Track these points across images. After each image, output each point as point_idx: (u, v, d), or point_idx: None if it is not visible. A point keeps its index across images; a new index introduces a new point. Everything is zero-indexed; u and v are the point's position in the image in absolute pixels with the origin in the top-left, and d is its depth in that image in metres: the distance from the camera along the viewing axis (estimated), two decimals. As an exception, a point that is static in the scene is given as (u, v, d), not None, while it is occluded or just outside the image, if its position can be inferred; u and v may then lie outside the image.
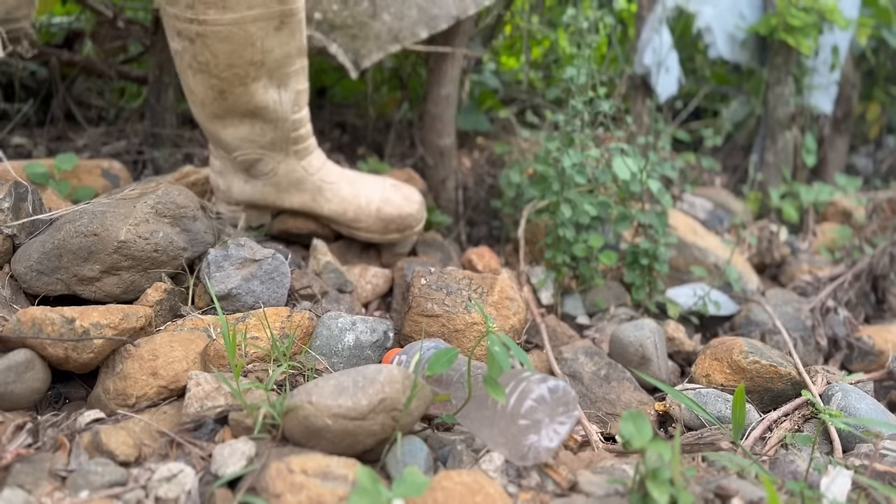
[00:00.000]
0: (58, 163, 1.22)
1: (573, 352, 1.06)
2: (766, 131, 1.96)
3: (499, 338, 0.72)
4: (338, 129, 2.03)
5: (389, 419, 0.68)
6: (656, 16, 1.80)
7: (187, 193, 1.00)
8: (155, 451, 0.73)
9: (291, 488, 0.60)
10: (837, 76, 1.99)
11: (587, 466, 0.76)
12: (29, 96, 1.74)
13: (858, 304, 1.40)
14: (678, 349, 1.17)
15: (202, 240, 1.00)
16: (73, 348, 0.78)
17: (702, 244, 1.45)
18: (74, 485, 0.65)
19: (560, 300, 1.27)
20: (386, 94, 2.10)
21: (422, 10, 1.44)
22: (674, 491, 0.60)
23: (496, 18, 1.92)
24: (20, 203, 0.96)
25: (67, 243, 0.90)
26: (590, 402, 0.98)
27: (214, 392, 0.77)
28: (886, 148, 2.35)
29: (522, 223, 1.34)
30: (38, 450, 0.71)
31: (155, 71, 1.52)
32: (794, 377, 0.96)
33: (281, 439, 0.71)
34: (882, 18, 2.07)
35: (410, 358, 0.84)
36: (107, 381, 0.82)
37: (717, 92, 2.23)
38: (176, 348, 0.84)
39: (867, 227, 1.69)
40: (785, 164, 1.93)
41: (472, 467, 0.71)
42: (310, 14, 1.36)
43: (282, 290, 1.01)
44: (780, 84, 1.90)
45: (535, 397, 0.70)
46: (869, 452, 0.82)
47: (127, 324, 0.83)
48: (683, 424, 0.92)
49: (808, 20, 1.78)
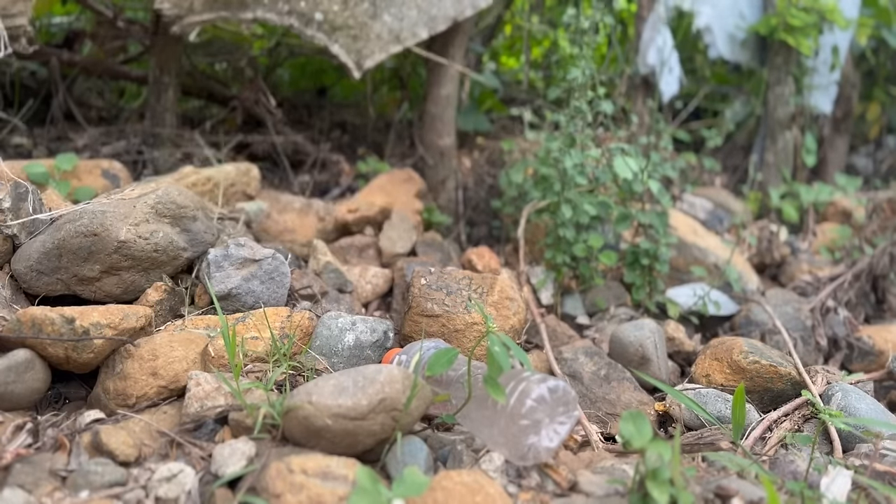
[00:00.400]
0: (58, 163, 1.22)
1: (573, 352, 1.06)
2: (766, 131, 1.95)
3: (499, 338, 0.71)
4: (338, 129, 2.03)
5: (389, 419, 0.68)
6: (657, 16, 1.80)
7: (187, 193, 1.00)
8: (155, 451, 0.73)
9: (291, 488, 0.60)
10: (837, 76, 1.99)
11: (587, 466, 0.76)
12: (29, 96, 1.74)
13: (858, 304, 1.40)
14: (678, 349, 1.17)
15: (202, 240, 1.00)
16: (73, 348, 0.78)
17: (702, 244, 1.45)
18: (74, 485, 0.65)
19: (560, 300, 1.27)
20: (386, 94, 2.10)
21: (421, 11, 1.45)
22: (674, 491, 0.60)
23: (496, 18, 1.92)
24: (20, 203, 0.96)
25: (67, 243, 0.90)
26: (590, 402, 0.98)
27: (214, 392, 0.77)
28: (886, 148, 2.35)
29: (522, 223, 1.34)
30: (38, 450, 0.70)
31: (155, 71, 1.52)
32: (794, 377, 0.96)
33: (281, 439, 0.71)
34: (882, 18, 2.07)
35: (410, 358, 0.84)
36: (107, 381, 0.82)
37: (717, 92, 2.23)
38: (176, 348, 0.84)
39: (867, 227, 1.69)
40: (785, 164, 1.93)
41: (472, 467, 0.71)
42: (311, 14, 1.36)
43: (282, 290, 1.01)
44: (780, 84, 1.90)
45: (536, 397, 0.70)
46: (869, 452, 0.82)
47: (127, 324, 0.83)
48: (683, 424, 0.92)
49: (808, 20, 1.78)
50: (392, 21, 1.43)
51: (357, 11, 1.40)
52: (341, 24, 1.39)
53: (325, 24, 1.38)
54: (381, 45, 1.43)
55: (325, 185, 1.74)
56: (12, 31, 1.23)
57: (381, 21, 1.42)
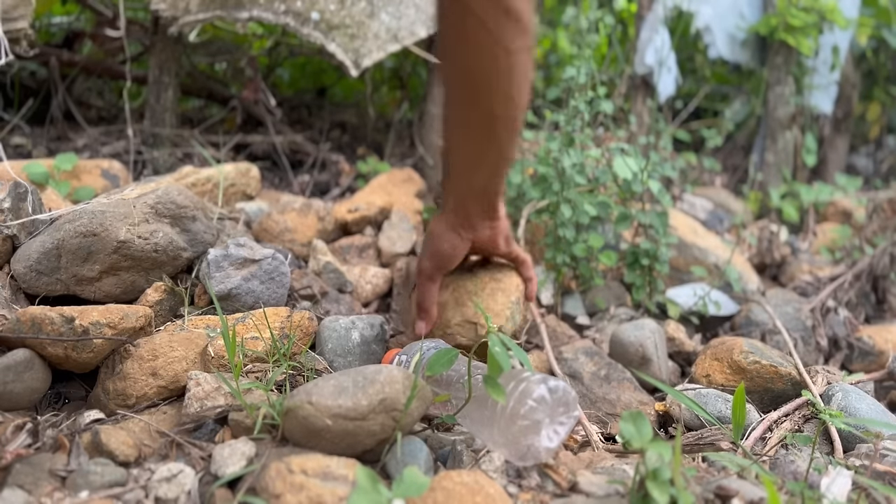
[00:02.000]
0: (58, 163, 1.22)
1: (573, 352, 1.06)
2: (766, 131, 1.95)
3: (499, 338, 0.71)
4: (338, 129, 2.03)
5: (389, 419, 0.68)
6: (655, 16, 1.80)
7: (187, 193, 1.00)
8: (155, 451, 0.72)
9: (291, 488, 0.60)
10: (837, 76, 1.99)
11: (587, 466, 0.76)
12: (29, 96, 1.74)
13: (858, 304, 1.40)
14: (678, 349, 1.17)
15: (202, 240, 1.00)
16: (72, 348, 0.78)
17: (702, 244, 1.45)
18: (74, 485, 0.65)
19: (560, 300, 1.27)
20: (386, 94, 2.10)
21: (419, 10, 1.44)
22: (674, 491, 0.60)
23: (496, 18, 1.92)
24: (20, 203, 0.96)
25: (67, 243, 0.89)
26: (590, 402, 0.98)
27: (214, 392, 0.77)
28: (886, 148, 2.35)
29: (522, 223, 1.34)
30: (38, 450, 0.70)
31: (155, 71, 1.52)
32: (795, 377, 0.96)
33: (281, 439, 0.71)
34: (882, 18, 2.06)
35: (410, 358, 0.84)
36: (107, 381, 0.82)
37: (717, 92, 2.23)
38: (176, 348, 0.84)
39: (867, 227, 1.69)
40: (785, 164, 1.92)
41: (472, 467, 0.71)
42: (307, 14, 1.36)
43: (282, 290, 1.01)
44: (780, 84, 1.90)
45: (536, 398, 0.70)
46: (869, 452, 0.82)
47: (127, 324, 0.83)
48: (683, 424, 0.92)
49: (808, 20, 1.78)
50: (390, 20, 1.43)
51: (354, 10, 1.39)
52: (338, 22, 1.39)
53: (321, 23, 1.38)
54: (379, 44, 1.43)
55: (325, 185, 1.74)
56: (13, 34, 1.23)
57: (379, 20, 1.42)
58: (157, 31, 1.48)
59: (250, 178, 1.38)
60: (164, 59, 1.50)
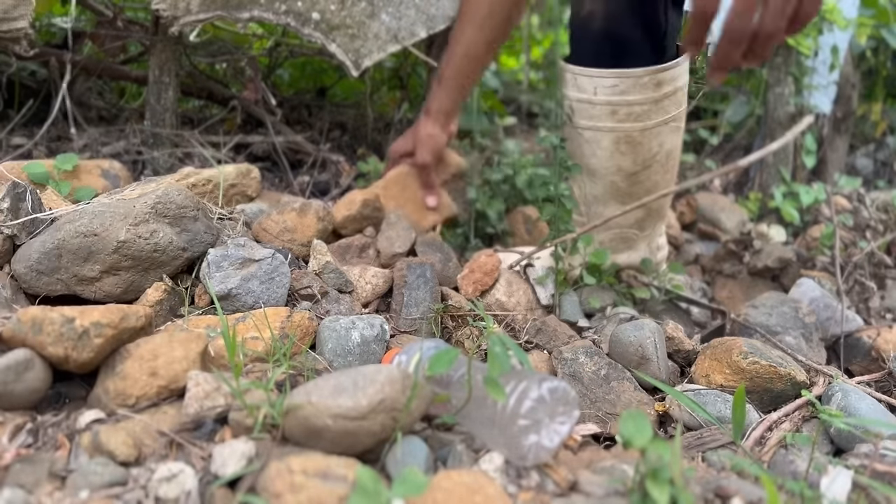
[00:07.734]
0: (58, 163, 1.22)
1: (573, 352, 1.06)
2: (766, 131, 1.95)
3: (499, 338, 0.71)
4: (338, 129, 2.03)
5: (389, 419, 0.68)
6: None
7: (187, 193, 1.00)
8: (155, 451, 0.73)
9: (291, 488, 0.60)
10: (837, 76, 1.99)
11: (587, 466, 0.76)
12: (29, 96, 1.73)
13: (859, 303, 1.40)
14: (678, 349, 1.16)
15: (202, 240, 1.00)
16: (72, 348, 0.78)
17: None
18: (74, 485, 0.65)
19: (559, 301, 1.27)
20: (386, 94, 2.10)
21: (420, 10, 1.45)
22: (674, 491, 0.60)
23: (496, 18, 1.92)
24: (20, 203, 0.96)
25: (67, 243, 0.89)
26: (590, 402, 0.98)
27: (214, 392, 0.77)
28: (887, 148, 2.35)
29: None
30: (38, 450, 0.70)
31: (155, 71, 1.52)
32: (794, 377, 0.96)
33: (281, 439, 0.71)
34: (882, 18, 2.07)
35: (410, 358, 0.84)
36: (107, 381, 0.82)
37: (717, 92, 2.23)
38: (176, 348, 0.84)
39: (867, 227, 1.69)
40: (785, 165, 1.93)
41: (472, 467, 0.71)
42: (308, 14, 1.36)
43: (282, 290, 1.01)
44: (780, 84, 1.90)
45: (535, 397, 0.70)
46: (869, 452, 0.82)
47: (127, 323, 0.83)
48: (683, 424, 0.92)
49: (808, 20, 1.78)
50: (390, 20, 1.43)
51: (355, 11, 1.39)
52: (339, 23, 1.39)
53: (322, 23, 1.38)
54: (379, 44, 1.43)
55: (325, 185, 1.74)
56: (13, 34, 1.23)
57: (379, 20, 1.42)
58: (158, 31, 1.48)
59: (251, 179, 1.38)
60: (165, 59, 1.50)
